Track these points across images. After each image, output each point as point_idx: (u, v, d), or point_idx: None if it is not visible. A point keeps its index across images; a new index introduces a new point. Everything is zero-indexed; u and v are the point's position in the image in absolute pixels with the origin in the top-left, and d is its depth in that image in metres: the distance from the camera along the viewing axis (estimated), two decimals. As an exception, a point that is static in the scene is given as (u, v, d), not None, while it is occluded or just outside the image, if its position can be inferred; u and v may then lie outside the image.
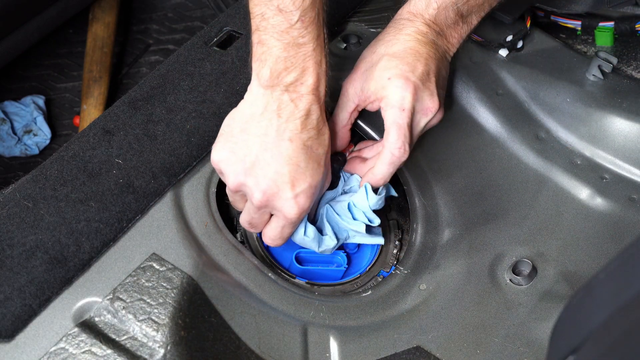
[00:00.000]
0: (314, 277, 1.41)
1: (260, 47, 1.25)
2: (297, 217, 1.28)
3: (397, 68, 1.30)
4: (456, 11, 1.37)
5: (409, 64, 1.31)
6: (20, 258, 1.26)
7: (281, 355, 1.28)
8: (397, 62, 1.31)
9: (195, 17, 2.59)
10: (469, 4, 1.37)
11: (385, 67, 1.31)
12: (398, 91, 1.29)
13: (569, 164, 1.49)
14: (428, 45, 1.34)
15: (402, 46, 1.33)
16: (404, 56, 1.32)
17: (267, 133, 1.25)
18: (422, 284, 1.39)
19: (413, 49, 1.33)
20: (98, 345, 1.21)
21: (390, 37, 1.35)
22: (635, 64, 1.58)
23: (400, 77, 1.30)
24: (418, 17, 1.36)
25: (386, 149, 1.31)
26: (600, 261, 1.40)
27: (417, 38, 1.34)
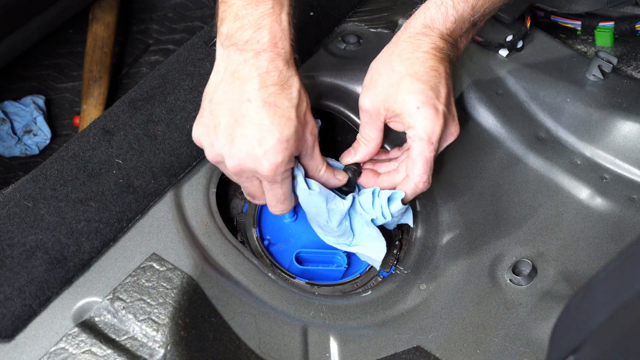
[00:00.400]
0: (314, 277, 1.41)
1: (222, 5, 1.25)
2: (272, 173, 1.23)
3: (424, 95, 1.27)
4: (471, 21, 1.34)
5: (433, 88, 1.28)
6: (20, 258, 1.26)
7: (281, 355, 1.28)
8: (422, 87, 1.27)
9: (195, 17, 2.59)
10: (484, 12, 1.34)
11: (410, 91, 1.27)
12: (429, 124, 1.27)
13: (569, 164, 1.49)
14: (445, 62, 1.31)
15: (423, 66, 1.28)
16: (427, 79, 1.28)
17: (229, 98, 1.23)
18: (422, 284, 1.39)
19: (434, 69, 1.29)
20: (98, 345, 1.21)
21: (409, 54, 1.29)
22: (635, 64, 1.58)
23: (429, 106, 1.27)
24: (435, 31, 1.31)
25: (411, 180, 1.31)
26: (600, 261, 1.40)
27: (435, 55, 1.30)
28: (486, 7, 1.32)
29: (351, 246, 1.39)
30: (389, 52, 1.32)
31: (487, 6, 1.32)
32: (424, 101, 1.26)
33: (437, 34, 1.31)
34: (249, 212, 1.47)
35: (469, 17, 1.32)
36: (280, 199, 1.30)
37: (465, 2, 1.30)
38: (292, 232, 1.47)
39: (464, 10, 1.31)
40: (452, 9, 1.30)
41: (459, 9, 1.30)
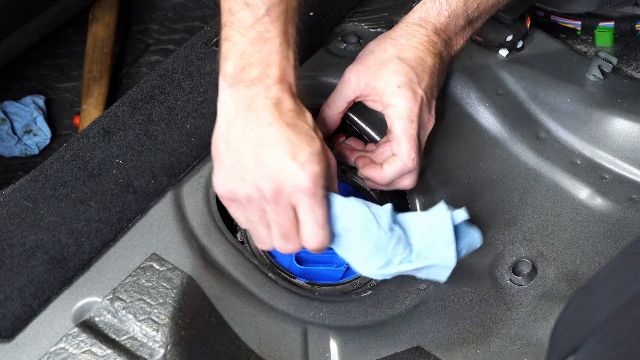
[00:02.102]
0: (314, 277, 1.41)
1: (226, 43, 1.21)
2: (313, 184, 1.16)
3: (407, 77, 1.31)
4: (465, 18, 1.38)
5: (417, 75, 1.32)
6: (20, 258, 1.26)
7: (281, 355, 1.28)
8: (407, 70, 1.32)
9: (195, 17, 2.59)
10: (478, 10, 1.38)
11: (395, 72, 1.32)
12: (407, 103, 1.31)
13: (569, 164, 1.49)
14: (436, 57, 1.35)
15: (414, 55, 1.34)
16: (414, 65, 1.33)
17: (247, 130, 1.18)
18: (422, 284, 1.39)
19: (423, 60, 1.34)
20: (98, 345, 1.21)
21: (403, 40, 1.35)
22: (635, 64, 1.58)
23: (408, 88, 1.31)
24: (429, 24, 1.36)
25: (399, 158, 1.32)
26: (600, 261, 1.40)
27: (428, 48, 1.35)
28: (480, 4, 1.38)
29: (414, 261, 1.23)
30: (384, 36, 1.38)
31: (480, 1, 1.37)
32: (406, 82, 1.31)
33: (432, 28, 1.36)
34: (249, 212, 1.47)
35: (462, 13, 1.37)
36: (321, 222, 1.20)
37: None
38: (292, 232, 1.47)
39: (457, 6, 1.36)
40: (445, 4, 1.36)
41: (452, 4, 1.36)
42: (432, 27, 1.36)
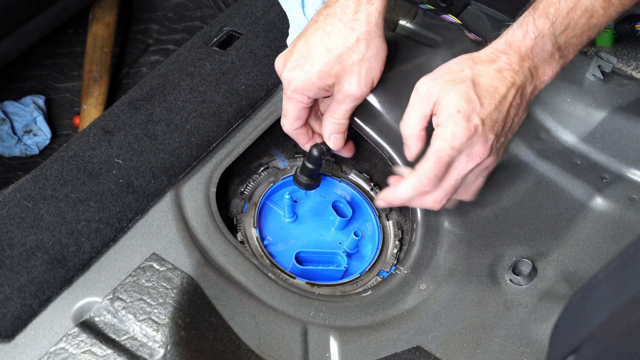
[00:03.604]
0: (314, 277, 1.41)
1: None
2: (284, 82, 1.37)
3: (470, 104, 1.26)
4: (553, 42, 1.30)
5: (482, 104, 1.26)
6: (20, 258, 1.26)
7: (281, 355, 1.28)
8: (473, 98, 1.26)
9: (195, 17, 2.59)
10: (566, 33, 1.30)
11: (461, 95, 1.26)
12: (456, 129, 1.25)
13: (569, 164, 1.49)
14: (513, 87, 1.28)
15: (488, 82, 1.28)
16: (484, 94, 1.27)
17: None
18: (422, 284, 1.39)
19: (496, 89, 1.28)
20: (98, 345, 1.21)
21: (482, 66, 1.29)
22: (635, 64, 1.58)
23: (466, 115, 1.25)
24: (514, 48, 1.30)
25: (414, 174, 1.28)
26: (600, 261, 1.40)
27: (505, 77, 1.28)
28: (568, 27, 1.29)
29: None
30: (467, 56, 1.32)
31: (567, 23, 1.29)
32: (466, 109, 1.26)
33: (516, 54, 1.29)
34: (249, 212, 1.47)
35: (549, 35, 1.29)
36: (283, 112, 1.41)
37: (545, 18, 1.28)
38: (292, 232, 1.47)
39: (543, 27, 1.29)
40: (532, 26, 1.29)
41: (538, 25, 1.29)
42: (516, 52, 1.29)
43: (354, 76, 1.36)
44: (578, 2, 1.27)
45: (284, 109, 1.41)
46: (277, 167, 1.55)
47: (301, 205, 1.50)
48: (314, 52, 1.35)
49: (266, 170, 1.53)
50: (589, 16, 1.28)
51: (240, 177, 1.52)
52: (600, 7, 1.28)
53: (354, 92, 1.37)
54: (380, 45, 1.38)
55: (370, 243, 1.48)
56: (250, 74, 1.51)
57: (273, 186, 1.50)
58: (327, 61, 1.35)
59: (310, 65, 1.35)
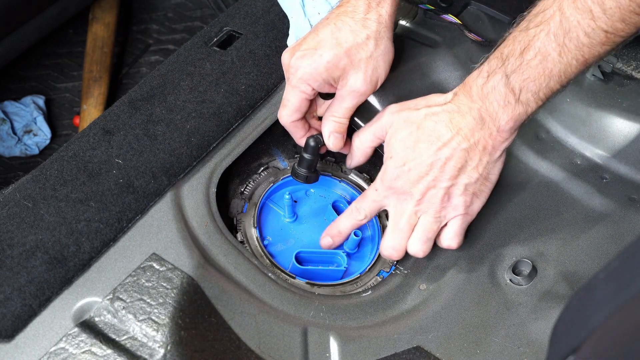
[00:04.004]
0: (314, 277, 1.41)
1: None
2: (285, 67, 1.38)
3: (404, 152, 1.31)
4: (505, 83, 1.26)
5: (416, 151, 1.31)
6: (20, 258, 1.26)
7: (281, 355, 1.28)
8: (409, 145, 1.31)
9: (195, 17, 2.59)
10: (520, 75, 1.25)
11: (401, 140, 1.32)
12: (384, 174, 1.34)
13: (569, 164, 1.49)
14: (458, 134, 1.29)
15: (433, 126, 1.30)
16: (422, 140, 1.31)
17: None
18: (422, 284, 1.39)
19: (439, 135, 1.29)
20: (98, 345, 1.21)
21: (439, 108, 1.32)
22: (635, 64, 1.58)
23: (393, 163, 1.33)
24: (466, 87, 1.30)
25: None
26: (600, 261, 1.40)
27: (450, 121, 1.29)
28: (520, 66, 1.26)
29: None
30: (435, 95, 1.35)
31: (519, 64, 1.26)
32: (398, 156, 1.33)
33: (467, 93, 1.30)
34: (249, 212, 1.47)
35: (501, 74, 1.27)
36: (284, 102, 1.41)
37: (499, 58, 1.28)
38: (292, 232, 1.47)
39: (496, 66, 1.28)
40: (486, 65, 1.30)
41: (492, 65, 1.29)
42: (467, 92, 1.30)
43: (360, 72, 1.37)
44: (530, 43, 1.25)
45: (285, 99, 1.41)
46: (277, 167, 1.55)
47: (301, 205, 1.51)
48: (323, 44, 1.36)
49: (266, 170, 1.53)
50: (542, 59, 1.24)
51: (240, 177, 1.52)
52: (553, 50, 1.23)
53: (358, 88, 1.38)
54: (389, 46, 1.40)
55: (370, 243, 1.48)
56: (250, 74, 1.51)
57: (273, 186, 1.50)
58: (336, 53, 1.35)
59: (319, 56, 1.36)
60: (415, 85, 1.52)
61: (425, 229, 1.34)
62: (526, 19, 1.27)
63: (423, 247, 1.35)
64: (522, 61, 1.25)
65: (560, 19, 1.22)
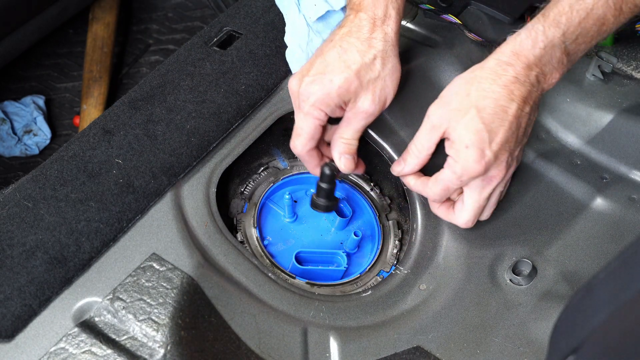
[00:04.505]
0: (314, 277, 1.41)
1: None
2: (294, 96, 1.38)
3: (478, 136, 1.27)
4: (563, 49, 1.29)
5: (491, 131, 1.28)
6: (20, 258, 1.26)
7: (281, 355, 1.28)
8: (480, 127, 1.27)
9: (195, 17, 2.59)
10: (577, 42, 1.29)
11: (468, 128, 1.28)
12: (468, 165, 1.29)
13: (569, 164, 1.49)
14: (521, 101, 1.29)
15: (494, 103, 1.28)
16: (491, 119, 1.28)
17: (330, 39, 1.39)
18: (422, 284, 1.39)
19: (504, 109, 1.28)
20: (98, 345, 1.21)
21: (487, 84, 1.29)
22: (635, 64, 1.58)
23: (476, 149, 1.28)
24: (521, 58, 1.28)
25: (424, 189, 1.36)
26: (600, 261, 1.40)
27: (512, 92, 1.28)
28: (578, 35, 1.28)
29: None
30: (472, 74, 1.31)
31: (579, 33, 1.28)
32: (475, 142, 1.27)
33: (524, 62, 1.28)
34: (249, 212, 1.47)
35: (559, 44, 1.28)
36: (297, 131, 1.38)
37: (557, 27, 1.27)
38: (292, 232, 1.47)
39: (554, 36, 1.28)
40: (542, 35, 1.28)
41: (548, 35, 1.28)
42: (524, 61, 1.28)
43: (369, 93, 1.35)
44: (590, 12, 1.26)
45: (298, 128, 1.38)
46: (277, 167, 1.55)
47: (301, 205, 1.50)
48: (332, 68, 1.34)
49: (266, 170, 1.53)
50: (600, 24, 1.28)
51: (240, 177, 1.52)
52: (612, 15, 1.27)
53: (366, 109, 1.35)
54: (396, 64, 1.38)
55: (370, 243, 1.48)
56: (250, 74, 1.51)
57: (273, 186, 1.50)
58: (346, 77, 1.33)
59: (329, 81, 1.33)
60: (415, 85, 1.52)
61: (497, 197, 1.37)
62: None
63: (490, 213, 1.39)
64: (580, 30, 1.28)
65: None
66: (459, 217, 1.37)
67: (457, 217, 1.37)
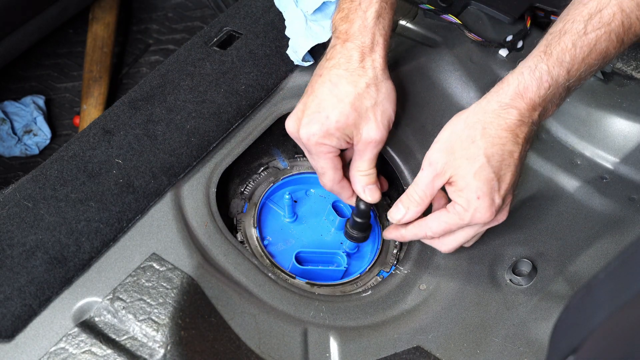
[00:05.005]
0: (314, 277, 1.41)
1: None
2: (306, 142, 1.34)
3: (489, 185, 1.25)
4: (565, 88, 1.27)
5: (500, 178, 1.26)
6: (20, 258, 1.26)
7: (281, 355, 1.28)
8: (491, 177, 1.25)
9: (195, 17, 2.59)
10: (579, 77, 1.26)
11: (479, 177, 1.25)
12: (478, 214, 1.27)
13: (569, 164, 1.49)
14: (525, 142, 1.27)
15: (501, 150, 1.25)
16: (499, 167, 1.25)
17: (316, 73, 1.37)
18: (422, 284, 1.39)
19: (510, 153, 1.25)
20: (98, 345, 1.21)
21: (492, 130, 1.25)
22: (635, 64, 1.58)
23: (487, 199, 1.26)
24: (526, 100, 1.25)
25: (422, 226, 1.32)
26: (600, 261, 1.40)
27: (517, 135, 1.25)
28: (582, 72, 1.26)
29: None
30: (475, 117, 1.27)
31: (582, 70, 1.25)
32: (486, 192, 1.25)
33: (528, 104, 1.25)
34: (249, 212, 1.47)
35: (563, 82, 1.25)
36: (319, 171, 1.38)
37: (560, 66, 1.24)
38: (292, 232, 1.47)
39: (559, 75, 1.24)
40: (546, 75, 1.24)
41: (553, 74, 1.24)
42: (529, 103, 1.25)
43: (370, 122, 1.33)
44: (594, 47, 1.24)
45: (317, 168, 1.37)
46: (277, 167, 1.55)
47: (301, 205, 1.51)
48: (325, 105, 1.33)
49: (266, 170, 1.53)
50: (603, 58, 1.26)
51: (240, 177, 1.52)
52: (614, 48, 1.25)
53: (373, 137, 1.33)
54: (389, 87, 1.36)
55: (370, 243, 1.48)
56: (250, 74, 1.51)
57: (273, 186, 1.50)
58: (341, 110, 1.32)
59: (325, 118, 1.32)
60: (415, 85, 1.52)
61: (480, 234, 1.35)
62: (579, 21, 1.24)
63: None
64: (585, 67, 1.25)
65: (621, 19, 1.22)
66: (443, 243, 1.34)
67: (441, 244, 1.34)
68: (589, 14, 1.24)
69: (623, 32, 1.23)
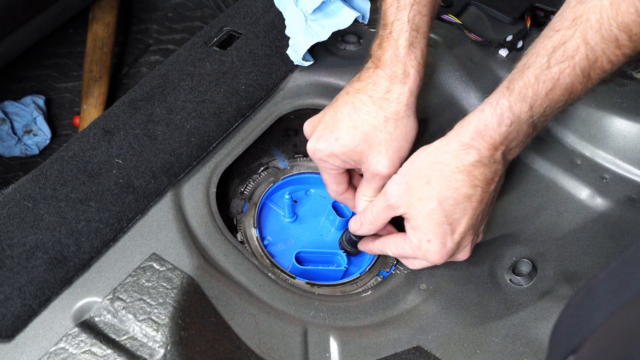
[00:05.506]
0: (314, 277, 1.41)
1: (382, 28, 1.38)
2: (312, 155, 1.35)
3: (440, 230, 1.24)
4: (530, 123, 1.21)
5: (453, 223, 1.24)
6: (20, 258, 1.26)
7: (281, 355, 1.28)
8: (442, 221, 1.23)
9: (195, 17, 2.59)
10: (545, 114, 1.21)
11: (430, 220, 1.24)
12: (429, 255, 1.27)
13: (569, 164, 1.49)
14: (484, 182, 1.23)
15: (456, 193, 1.22)
16: (453, 211, 1.23)
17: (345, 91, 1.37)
18: (422, 284, 1.39)
19: (467, 196, 1.23)
20: (98, 345, 1.21)
21: (448, 170, 1.22)
22: (635, 64, 1.58)
23: (438, 243, 1.25)
24: (486, 138, 1.21)
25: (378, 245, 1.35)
26: (600, 261, 1.40)
27: (476, 177, 1.22)
28: (546, 107, 1.20)
29: None
30: (434, 157, 1.24)
31: (546, 105, 1.20)
32: (437, 236, 1.25)
33: (489, 142, 1.21)
34: (249, 212, 1.47)
35: (527, 118, 1.20)
36: (324, 181, 1.39)
37: (523, 101, 1.19)
38: (292, 232, 1.47)
39: (521, 111, 1.20)
40: (508, 111, 1.19)
41: (515, 110, 1.20)
42: (489, 141, 1.21)
43: (381, 155, 1.31)
44: (557, 82, 1.19)
45: (324, 179, 1.39)
46: (277, 167, 1.55)
47: (301, 205, 1.51)
48: (340, 126, 1.32)
49: (266, 170, 1.53)
50: (569, 94, 1.20)
51: (240, 177, 1.52)
52: (580, 83, 1.19)
53: (381, 172, 1.32)
54: (410, 124, 1.33)
55: (370, 243, 1.48)
56: (250, 74, 1.51)
57: (273, 186, 1.50)
58: (352, 138, 1.31)
59: (334, 139, 1.32)
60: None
61: None
62: (542, 55, 1.20)
63: None
64: (548, 102, 1.20)
65: (585, 52, 1.17)
66: (409, 262, 1.34)
67: (407, 262, 1.34)
68: (552, 47, 1.19)
69: (588, 66, 1.17)
